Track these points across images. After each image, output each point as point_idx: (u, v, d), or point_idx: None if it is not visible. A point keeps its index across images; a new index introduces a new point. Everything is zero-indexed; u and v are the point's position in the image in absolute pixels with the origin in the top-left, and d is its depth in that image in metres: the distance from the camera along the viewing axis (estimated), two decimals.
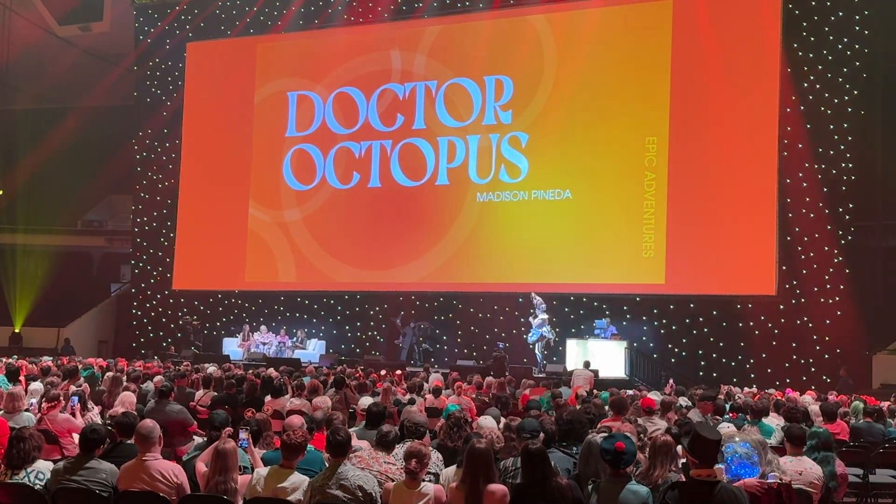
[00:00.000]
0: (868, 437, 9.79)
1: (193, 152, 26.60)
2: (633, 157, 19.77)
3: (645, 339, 21.72)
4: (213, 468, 5.62)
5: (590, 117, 20.26)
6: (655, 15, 19.89)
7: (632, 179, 19.78)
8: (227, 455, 5.63)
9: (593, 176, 20.08)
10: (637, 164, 19.80)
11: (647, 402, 9.23)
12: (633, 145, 19.71)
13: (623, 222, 19.80)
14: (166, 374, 13.01)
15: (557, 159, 20.48)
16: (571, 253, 20.23)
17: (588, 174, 20.12)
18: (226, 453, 5.63)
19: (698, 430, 4.88)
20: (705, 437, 4.79)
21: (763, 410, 9.60)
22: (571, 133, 20.34)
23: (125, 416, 6.69)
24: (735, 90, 20.51)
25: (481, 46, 21.03)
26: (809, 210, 20.37)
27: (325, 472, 5.70)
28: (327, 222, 22.80)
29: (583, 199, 20.17)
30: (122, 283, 30.54)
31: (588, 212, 20.18)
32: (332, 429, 6.07)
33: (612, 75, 20.10)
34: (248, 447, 6.28)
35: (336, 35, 23.55)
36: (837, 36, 20.40)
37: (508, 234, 20.98)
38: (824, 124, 20.31)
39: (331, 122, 23.11)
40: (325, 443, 6.08)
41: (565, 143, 20.39)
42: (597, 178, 20.08)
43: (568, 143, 20.37)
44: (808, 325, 20.25)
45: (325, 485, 5.55)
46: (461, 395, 11.53)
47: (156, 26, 27.94)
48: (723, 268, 20.57)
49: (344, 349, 24.28)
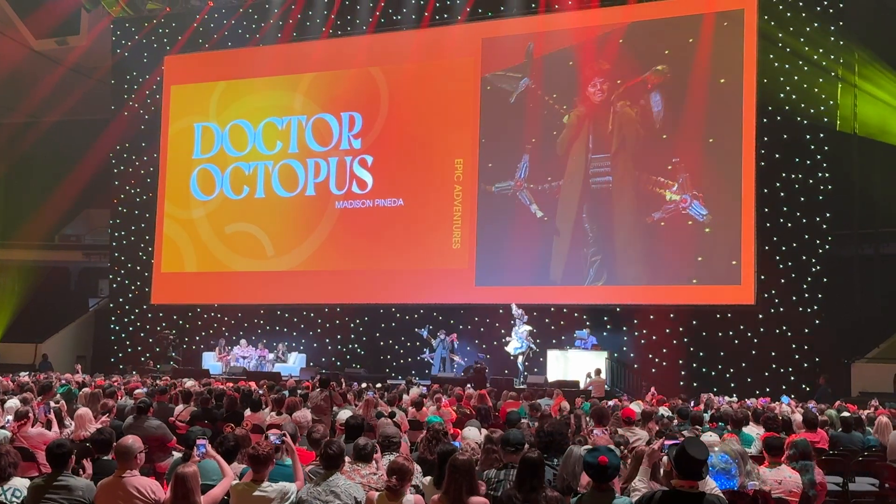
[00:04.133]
0: (848, 446, 9.83)
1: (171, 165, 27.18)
2: (444, 173, 24.11)
3: (625, 349, 21.78)
4: (173, 495, 5.37)
5: (415, 143, 24.67)
6: (467, 68, 24.20)
7: (443, 190, 24.07)
8: (186, 479, 5.37)
9: (419, 187, 24.35)
10: (447, 179, 24.05)
11: (628, 412, 9.25)
12: (445, 164, 24.15)
13: (434, 222, 24.00)
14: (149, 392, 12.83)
15: (393, 175, 24.73)
16: (401, 243, 24.38)
17: (414, 186, 24.42)
18: (185, 477, 5.37)
19: (686, 446, 4.82)
20: (692, 456, 4.73)
21: (743, 420, 9.64)
22: (403, 155, 24.69)
23: (101, 432, 6.63)
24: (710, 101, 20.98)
25: (340, 90, 25.80)
26: (787, 220, 20.53)
27: (315, 481, 5.73)
28: (224, 224, 26.64)
29: (411, 205, 24.44)
30: (100, 297, 30.32)
31: (414, 215, 24.29)
32: (326, 441, 6.08)
33: (430, 112, 24.53)
34: (207, 451, 6.16)
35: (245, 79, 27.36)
36: (813, 46, 20.59)
37: (359, 232, 24.92)
38: (801, 134, 20.49)
39: (227, 147, 26.95)
40: (319, 455, 6.07)
41: (399, 162, 24.72)
42: (421, 189, 24.32)
43: (401, 163, 24.70)
44: (787, 335, 20.34)
45: (317, 492, 5.57)
46: (442, 408, 11.51)
47: (133, 40, 27.92)
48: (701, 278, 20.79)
49: (325, 362, 24.25)
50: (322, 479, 5.76)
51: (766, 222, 20.59)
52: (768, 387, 19.37)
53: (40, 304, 29.21)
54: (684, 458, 4.71)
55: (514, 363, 21.23)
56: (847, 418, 10.77)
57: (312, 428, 7.74)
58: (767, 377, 20.16)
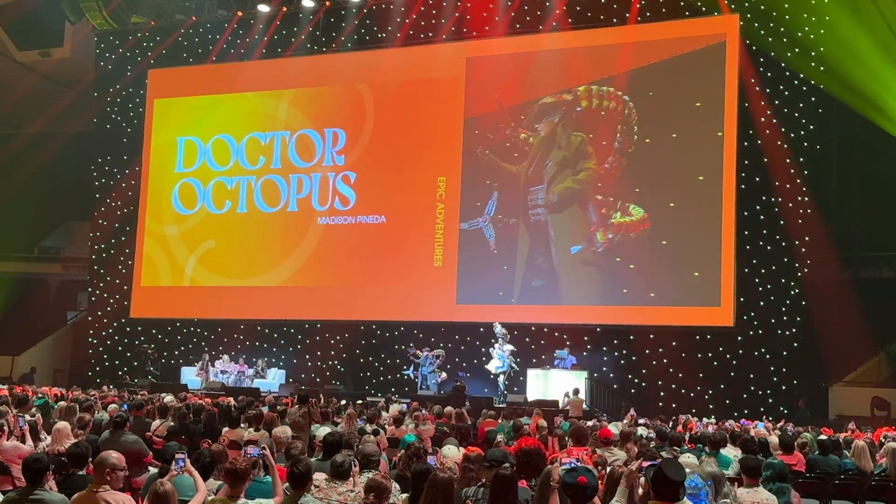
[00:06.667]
0: (825, 469, 9.85)
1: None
2: (427, 191, 24.10)
3: (605, 369, 21.81)
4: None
5: (398, 160, 24.69)
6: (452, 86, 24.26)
7: (426, 208, 24.08)
8: (167, 497, 5.33)
9: (401, 205, 24.31)
10: (430, 197, 24.03)
11: (605, 432, 9.24)
12: (428, 182, 24.15)
13: (416, 239, 23.95)
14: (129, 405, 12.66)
15: (376, 192, 24.70)
16: (381, 261, 24.19)
17: (397, 203, 24.37)
18: (166, 495, 5.34)
19: (664, 468, 4.82)
20: (668, 477, 4.74)
21: (721, 441, 9.66)
22: (386, 172, 24.66)
23: (77, 446, 6.57)
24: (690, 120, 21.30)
25: (324, 105, 25.83)
26: (766, 243, 20.66)
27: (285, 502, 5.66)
28: (205, 238, 26.49)
29: (394, 222, 24.34)
30: (78, 310, 30.10)
31: (396, 232, 24.22)
32: (293, 459, 6.02)
33: (415, 130, 24.56)
34: (185, 466, 6.09)
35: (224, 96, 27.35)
36: (794, 71, 20.78)
37: (341, 249, 24.89)
38: (781, 158, 20.64)
39: (210, 161, 26.77)
40: (286, 473, 6.02)
41: (382, 179, 24.67)
42: (403, 206, 24.27)
43: (384, 180, 24.65)
44: (766, 357, 20.43)
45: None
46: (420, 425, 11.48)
47: (117, 52, 27.86)
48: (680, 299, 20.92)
49: (304, 379, 24.13)
50: (291, 502, 5.63)
51: (746, 245, 20.71)
52: (747, 409, 19.42)
53: (18, 316, 28.96)
54: (661, 479, 4.72)
55: (493, 382, 21.22)
56: (824, 441, 10.79)
57: (291, 444, 7.71)
58: (746, 399, 20.22)
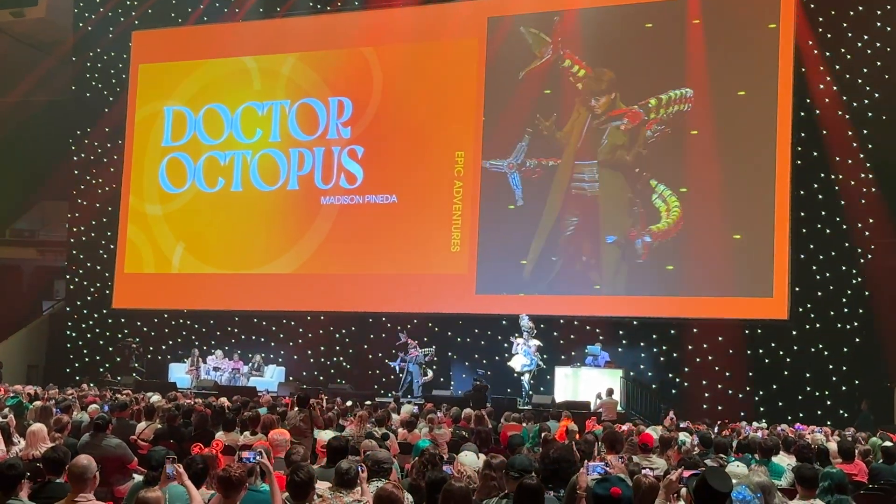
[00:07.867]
0: (889, 479, 9.80)
1: None
2: (444, 168, 24.01)
3: (643, 367, 21.76)
4: None
5: (411, 133, 24.58)
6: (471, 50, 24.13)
7: (442, 186, 23.96)
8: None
9: (415, 183, 24.15)
10: (447, 174, 23.93)
11: (646, 437, 9.19)
12: (444, 157, 24.04)
13: (431, 222, 23.90)
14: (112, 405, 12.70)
15: (386, 168, 24.58)
16: (392, 245, 24.19)
17: (410, 181, 24.25)
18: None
19: (708, 477, 4.79)
20: (713, 488, 4.70)
21: (772, 449, 9.62)
22: (398, 146, 24.53)
23: (54, 451, 6.59)
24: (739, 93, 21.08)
25: (328, 72, 25.67)
26: (825, 226, 20.51)
27: None
28: (195, 219, 26.58)
29: (406, 202, 24.25)
30: (55, 300, 30.28)
31: (408, 214, 24.10)
32: (293, 466, 6.02)
33: (429, 99, 24.43)
34: (176, 474, 6.16)
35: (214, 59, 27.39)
36: (857, 32, 20.59)
37: (347, 232, 24.71)
38: (842, 130, 20.46)
39: (201, 134, 26.75)
40: (286, 482, 6.03)
41: (392, 154, 24.54)
42: (417, 184, 24.12)
43: (395, 155, 24.53)
44: (824, 354, 20.33)
45: None
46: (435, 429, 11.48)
47: (97, 12, 27.84)
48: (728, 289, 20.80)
49: (306, 377, 24.20)
50: None
51: (802, 228, 20.57)
52: (802, 412, 19.33)
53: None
54: (705, 490, 4.69)
55: (516, 381, 21.19)
56: (890, 448, 10.72)
57: (291, 450, 7.72)
58: (801, 401, 20.13)
